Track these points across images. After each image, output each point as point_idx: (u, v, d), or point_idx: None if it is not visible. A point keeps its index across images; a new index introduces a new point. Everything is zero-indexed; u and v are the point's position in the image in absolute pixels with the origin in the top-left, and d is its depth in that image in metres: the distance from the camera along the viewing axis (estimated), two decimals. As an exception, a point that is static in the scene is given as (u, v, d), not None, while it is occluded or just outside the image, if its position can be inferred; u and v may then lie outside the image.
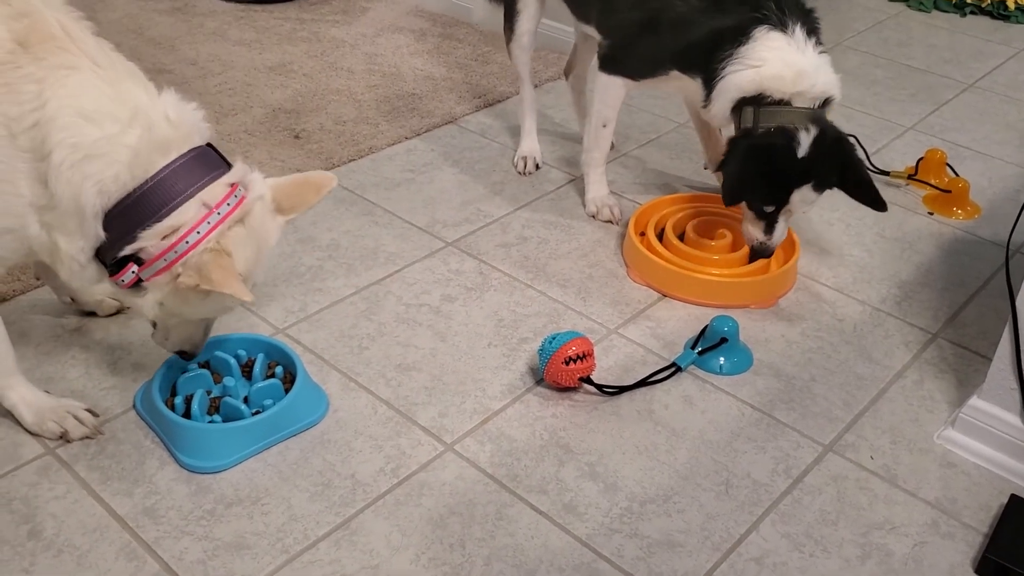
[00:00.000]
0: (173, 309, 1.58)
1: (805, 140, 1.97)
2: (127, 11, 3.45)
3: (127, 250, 1.49)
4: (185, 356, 1.74)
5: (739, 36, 1.99)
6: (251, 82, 3.02)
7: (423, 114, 2.88)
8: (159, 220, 1.47)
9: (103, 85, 1.45)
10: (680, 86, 2.17)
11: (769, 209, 2.08)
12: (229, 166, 1.57)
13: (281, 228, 1.60)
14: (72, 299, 2.01)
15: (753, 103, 2.01)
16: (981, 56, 3.48)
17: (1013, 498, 1.67)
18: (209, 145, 1.57)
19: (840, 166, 2.04)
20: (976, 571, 1.57)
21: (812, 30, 2.05)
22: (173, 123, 1.49)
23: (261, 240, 1.56)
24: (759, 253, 2.15)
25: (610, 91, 2.30)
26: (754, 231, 2.12)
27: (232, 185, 1.52)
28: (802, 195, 2.04)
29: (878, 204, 2.06)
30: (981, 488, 1.73)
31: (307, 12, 3.56)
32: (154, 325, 1.68)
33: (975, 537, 1.63)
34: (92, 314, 2.02)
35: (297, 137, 2.72)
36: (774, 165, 2.00)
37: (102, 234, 1.49)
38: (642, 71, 2.22)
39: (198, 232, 1.47)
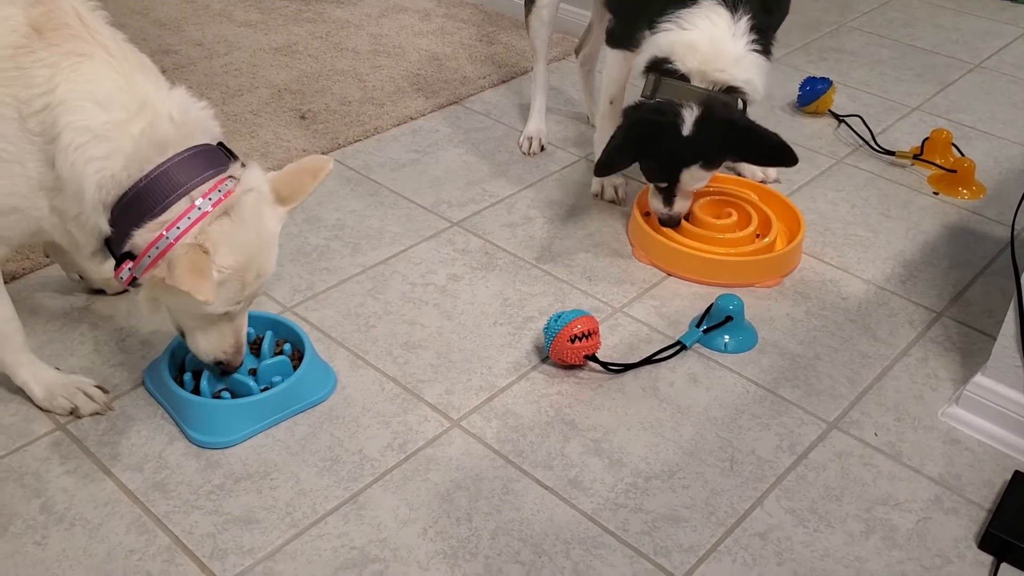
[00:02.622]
0: (170, 304, 1.58)
1: (688, 119, 1.97)
2: (132, -8, 3.46)
3: (125, 247, 1.50)
4: (222, 369, 1.69)
5: (688, 1, 2.00)
6: (257, 63, 3.02)
7: (428, 94, 2.88)
8: (153, 217, 1.47)
9: (115, 74, 1.46)
10: None
11: (663, 186, 2.12)
12: (235, 163, 1.56)
13: (282, 218, 1.58)
14: (81, 277, 2.02)
15: (657, 69, 2.01)
16: (988, 36, 3.47)
17: (1016, 474, 1.68)
18: (221, 144, 1.56)
19: (733, 144, 2.03)
20: (979, 546, 1.59)
21: (760, 28, 2.01)
22: (176, 122, 1.49)
23: (257, 231, 1.53)
24: (665, 223, 2.20)
25: (613, 65, 2.32)
26: (656, 204, 2.18)
27: (221, 179, 1.50)
28: (691, 174, 2.07)
29: (788, 159, 2.02)
30: (985, 464, 1.74)
31: (312, -7, 3.56)
32: (182, 335, 1.67)
33: (979, 513, 1.65)
34: (101, 292, 2.03)
35: (303, 118, 2.73)
36: (659, 144, 2.02)
37: (105, 227, 1.49)
38: (630, 40, 2.22)
39: (178, 227, 1.45)
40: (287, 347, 1.86)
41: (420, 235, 2.28)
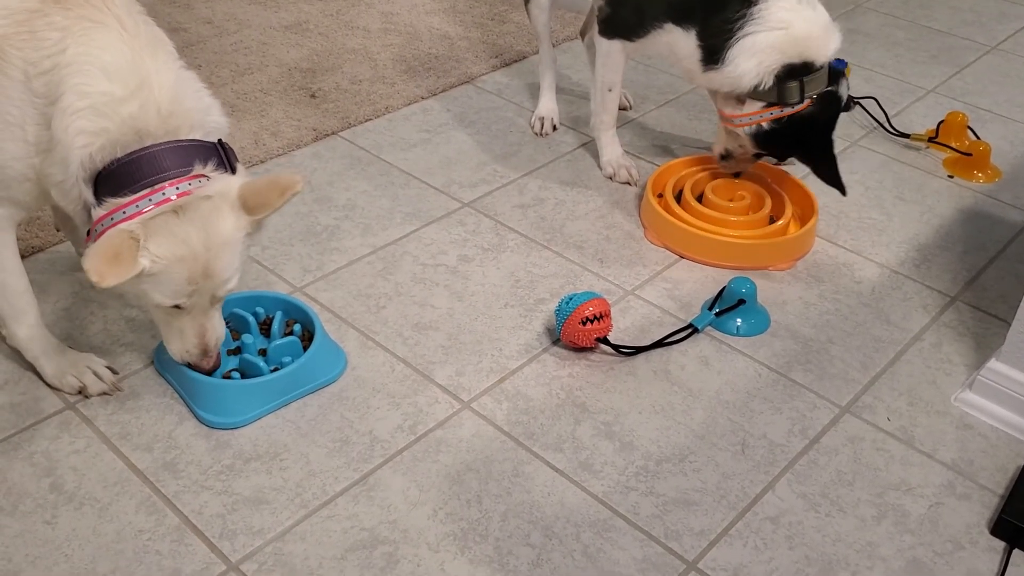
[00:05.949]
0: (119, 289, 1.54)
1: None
2: (142, -31, 3.43)
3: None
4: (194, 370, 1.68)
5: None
6: (267, 41, 3.00)
7: (439, 74, 2.86)
8: (113, 197, 1.45)
9: (124, 47, 1.46)
10: (672, 43, 2.10)
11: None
12: (227, 164, 1.52)
13: (245, 227, 1.53)
14: (91, 255, 2.01)
15: (792, 74, 1.99)
16: (1004, 18, 3.43)
17: (1030, 460, 1.67)
18: (220, 142, 1.52)
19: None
20: (992, 532, 1.58)
21: None
22: (162, 114, 1.47)
23: (206, 231, 1.49)
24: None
25: (610, 56, 2.29)
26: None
27: (188, 177, 1.47)
28: None
29: None
30: (998, 450, 1.73)
31: (322, -29, 3.53)
32: None
33: (991, 499, 1.64)
34: (110, 271, 2.03)
35: (313, 96, 2.71)
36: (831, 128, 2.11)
37: (90, 197, 1.48)
38: (636, 27, 2.18)
39: (124, 212, 1.44)
40: (297, 328, 1.85)
41: (431, 216, 2.27)
